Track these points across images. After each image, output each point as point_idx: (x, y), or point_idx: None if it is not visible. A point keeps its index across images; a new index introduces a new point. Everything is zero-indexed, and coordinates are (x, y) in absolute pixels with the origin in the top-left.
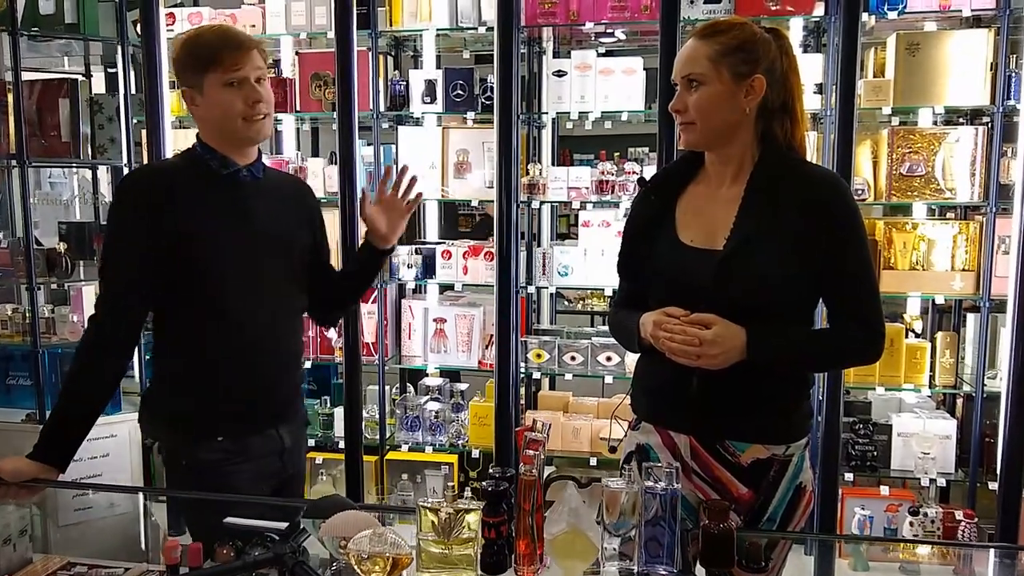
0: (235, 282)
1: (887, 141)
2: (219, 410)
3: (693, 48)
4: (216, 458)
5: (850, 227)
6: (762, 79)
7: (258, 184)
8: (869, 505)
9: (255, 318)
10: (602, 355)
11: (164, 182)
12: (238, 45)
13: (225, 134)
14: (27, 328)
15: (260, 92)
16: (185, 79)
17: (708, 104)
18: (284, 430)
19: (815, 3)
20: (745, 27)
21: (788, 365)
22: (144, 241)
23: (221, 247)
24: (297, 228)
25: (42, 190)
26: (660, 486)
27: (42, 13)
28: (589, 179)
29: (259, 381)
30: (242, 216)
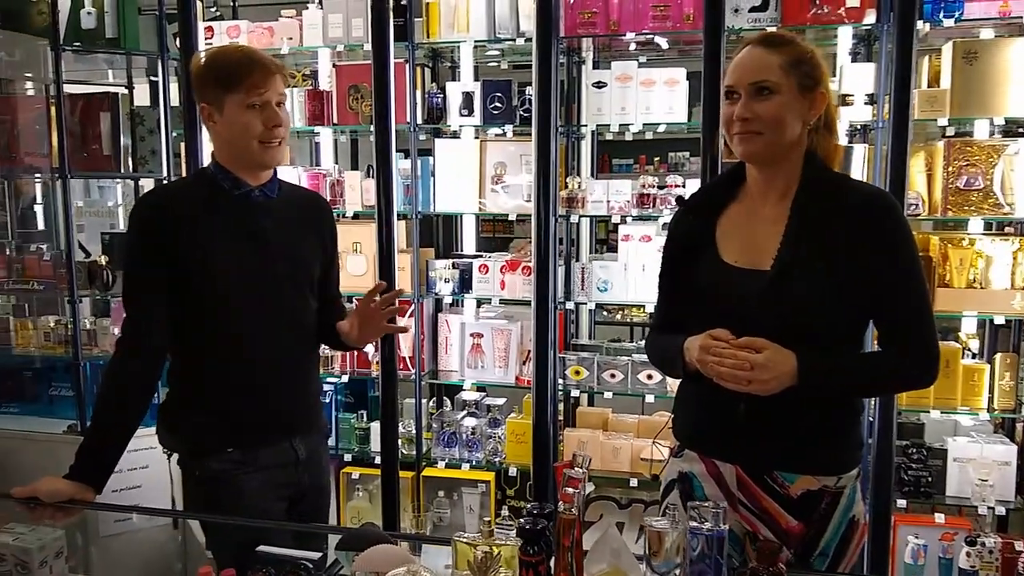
0: (244, 299)
1: (943, 154)
2: (229, 422)
3: (761, 56)
4: (226, 468)
5: (901, 246)
6: (824, 95)
7: (271, 203)
8: (923, 534)
9: (264, 334)
10: (643, 373)
11: (173, 206)
12: (264, 68)
13: (240, 155)
14: (69, 339)
15: (280, 116)
16: (205, 95)
17: (781, 114)
18: (299, 442)
19: (866, 10)
20: (804, 42)
21: (839, 391)
22: (155, 265)
23: (230, 265)
24: (310, 245)
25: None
26: (706, 526)
27: (84, 27)
28: (630, 192)
29: (268, 394)
30: (252, 235)
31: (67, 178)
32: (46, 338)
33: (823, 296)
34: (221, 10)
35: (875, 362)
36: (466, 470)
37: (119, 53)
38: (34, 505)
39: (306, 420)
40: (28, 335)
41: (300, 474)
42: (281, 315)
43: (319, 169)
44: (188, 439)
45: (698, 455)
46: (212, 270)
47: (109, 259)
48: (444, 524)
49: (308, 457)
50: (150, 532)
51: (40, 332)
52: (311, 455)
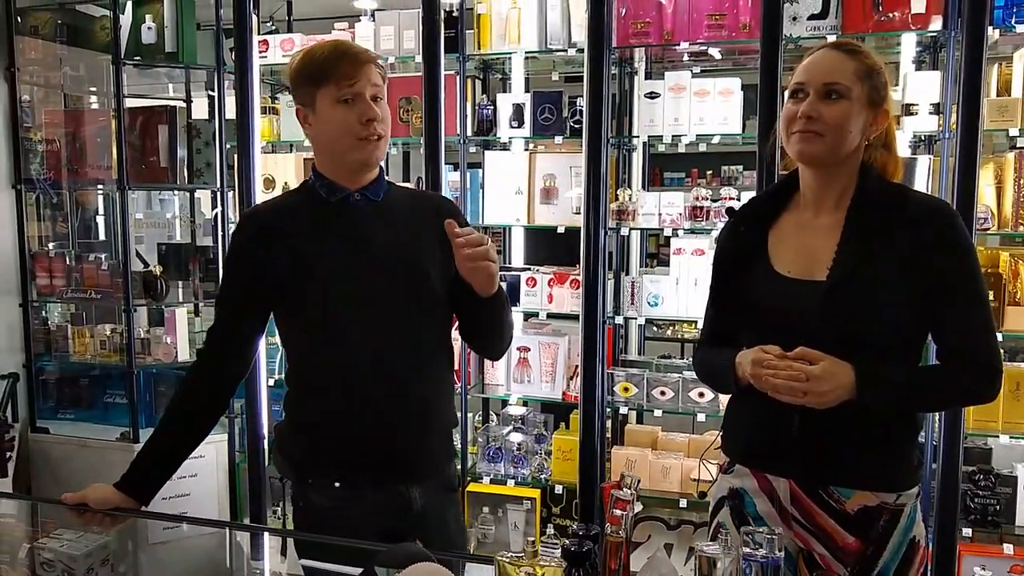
0: (351, 317)
1: (1013, 165)
2: (333, 452)
3: (837, 59)
4: (327, 504)
5: (961, 257)
6: (887, 112)
7: (376, 207)
8: (990, 565)
9: (375, 356)
10: (694, 390)
11: (275, 218)
12: (352, 58)
13: (336, 156)
14: (123, 348)
15: (375, 110)
16: (299, 96)
17: (847, 119)
18: (416, 489)
19: (931, 16)
20: (875, 56)
21: (897, 404)
22: (248, 281)
23: (327, 280)
24: (426, 249)
25: (152, 209)
26: (760, 553)
27: (144, 42)
28: (682, 204)
29: (377, 429)
30: (354, 244)
31: (126, 190)
32: (102, 346)
33: (879, 307)
34: (277, 24)
35: (934, 376)
36: (511, 486)
37: (177, 67)
38: (84, 511)
39: (425, 464)
40: (85, 343)
41: (411, 525)
42: (391, 330)
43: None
44: (295, 467)
45: (750, 471)
46: (309, 286)
47: (164, 269)
48: (488, 541)
49: (425, 509)
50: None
51: (97, 340)
52: (429, 506)
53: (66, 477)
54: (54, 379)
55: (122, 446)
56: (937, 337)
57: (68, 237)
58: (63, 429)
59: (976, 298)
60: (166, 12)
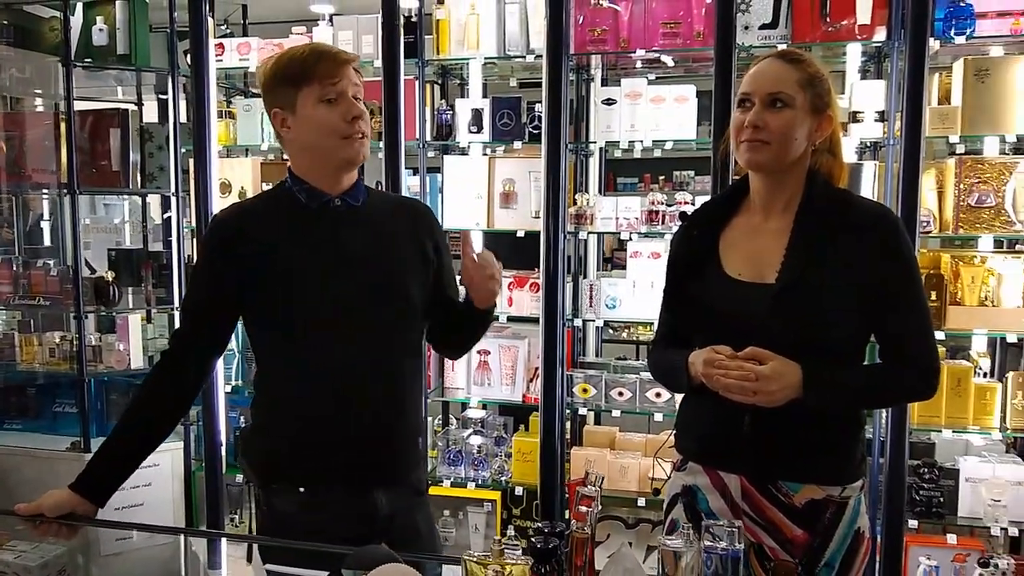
0: (321, 326)
1: (954, 171)
2: (301, 462)
3: (780, 69)
4: (293, 510)
5: (903, 263)
6: (831, 118)
7: (355, 212)
8: (935, 555)
9: (348, 361)
10: (651, 391)
11: (249, 221)
12: (333, 57)
13: (320, 157)
14: (74, 356)
15: (360, 107)
16: (276, 99)
17: (792, 128)
18: (383, 495)
19: (876, 27)
20: (818, 63)
21: (842, 403)
22: (217, 287)
23: (303, 286)
24: (405, 255)
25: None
26: (721, 545)
27: (95, 44)
28: (638, 209)
29: (346, 436)
30: (331, 251)
31: (76, 193)
32: (51, 354)
33: (826, 310)
34: (231, 28)
35: (877, 376)
36: (472, 489)
37: (130, 69)
38: (39, 522)
39: (393, 467)
40: (33, 351)
41: (380, 533)
42: (367, 337)
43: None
44: (257, 467)
45: (702, 468)
46: (283, 292)
47: (116, 275)
48: (449, 544)
49: (393, 516)
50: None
51: (45, 348)
52: (399, 515)
53: (14, 488)
54: None
55: (72, 456)
56: (879, 339)
57: (14, 243)
58: (9, 440)
59: (916, 302)
60: (118, 14)
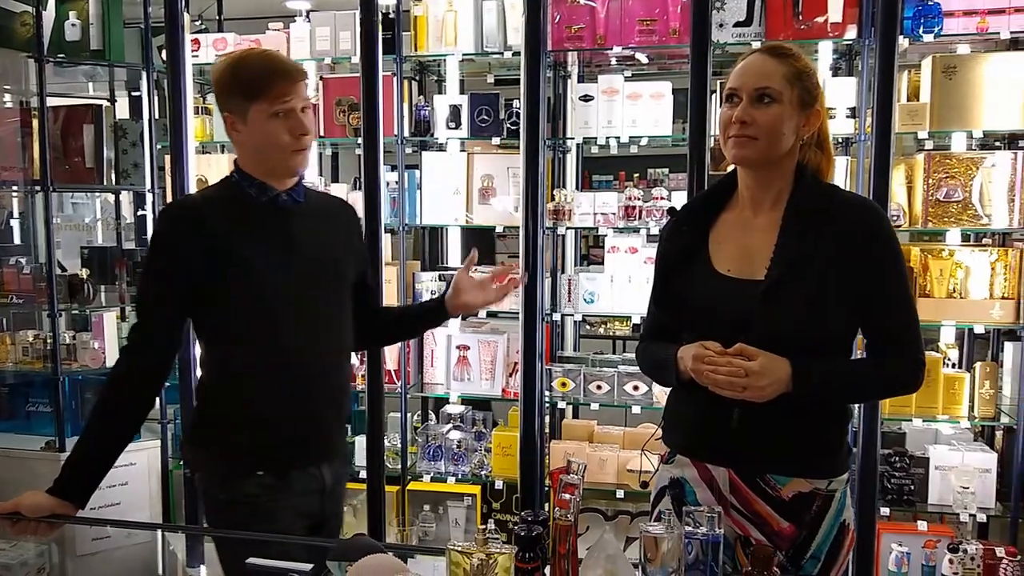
0: (279, 311)
1: (923, 166)
2: (262, 444)
3: (768, 64)
4: (254, 493)
5: (890, 254)
6: (819, 112)
7: (300, 208)
8: (906, 541)
9: (301, 348)
10: (629, 384)
11: (200, 213)
12: (288, 76)
13: (266, 163)
14: (48, 355)
15: (306, 124)
16: (228, 104)
17: (779, 123)
18: (327, 468)
19: (847, 25)
20: (806, 58)
21: (830, 397)
22: (182, 274)
23: (262, 275)
24: (344, 252)
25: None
26: (701, 531)
27: (68, 39)
28: (616, 204)
29: (304, 415)
30: (283, 242)
31: (49, 191)
32: (24, 353)
33: (816, 304)
34: (206, 23)
35: (866, 369)
36: (452, 484)
37: (103, 65)
38: (16, 520)
39: (335, 444)
40: (6, 350)
41: (324, 503)
42: (315, 323)
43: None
44: (217, 459)
45: (690, 461)
46: (239, 278)
47: (90, 273)
48: (429, 538)
49: (332, 485)
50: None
51: (18, 347)
52: (335, 484)
53: None
54: None
55: (48, 456)
56: (866, 332)
57: None
58: None
59: (902, 296)
60: (91, 9)
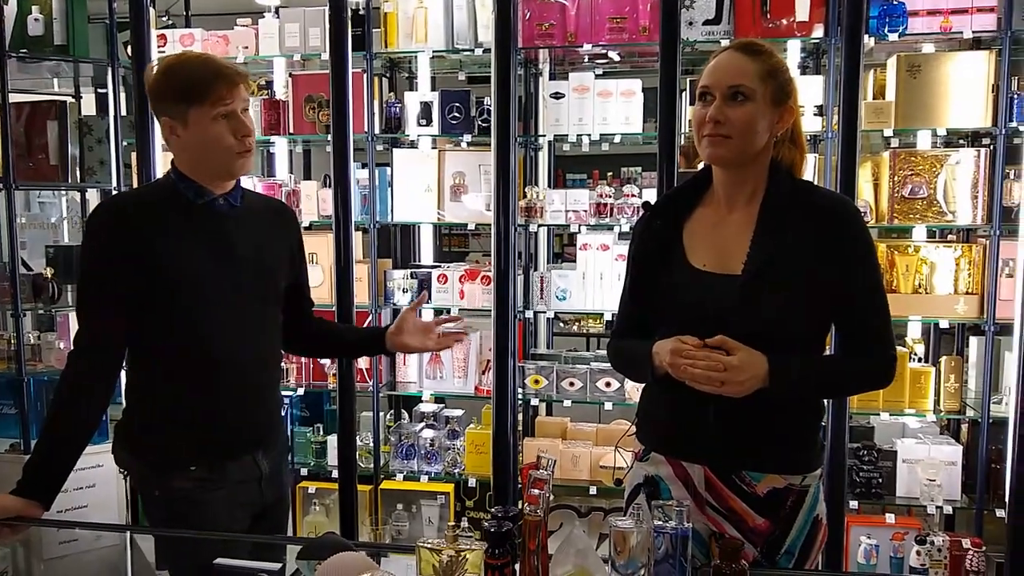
0: (209, 314)
1: (888, 163)
2: (192, 438)
3: (740, 62)
4: (189, 487)
5: (863, 250)
6: (792, 109)
7: (236, 211)
8: (875, 534)
9: (231, 347)
10: (601, 381)
11: (135, 213)
12: (227, 78)
13: (208, 166)
14: (12, 355)
15: (249, 126)
16: (166, 109)
17: (753, 121)
18: (262, 457)
19: (814, 25)
20: (779, 55)
21: (806, 393)
22: (116, 274)
23: (196, 276)
24: (278, 254)
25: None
26: (670, 525)
27: (31, 34)
28: (587, 202)
29: (234, 408)
30: (218, 245)
31: (12, 188)
32: None
33: (792, 300)
34: (173, 19)
35: (841, 365)
36: (425, 482)
37: (68, 60)
38: None
39: (270, 434)
40: None
41: (264, 490)
42: (247, 326)
43: (274, 179)
44: (150, 457)
45: (665, 458)
46: (175, 280)
47: (55, 272)
48: (403, 537)
49: (271, 472)
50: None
51: None
52: (274, 470)
53: None
54: None
55: (12, 458)
56: (839, 328)
57: None
58: None
59: (875, 293)
60: (55, 3)
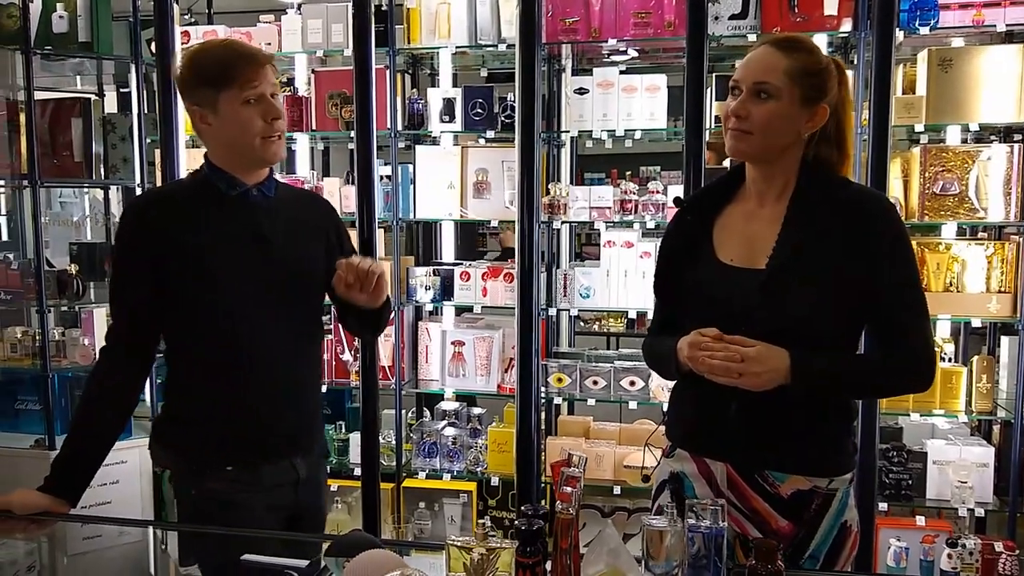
0: (245, 306)
1: (919, 159)
2: (228, 438)
3: (771, 57)
4: (224, 488)
5: (893, 245)
6: (826, 109)
7: (270, 203)
8: (905, 536)
9: (266, 343)
10: (625, 379)
11: (168, 207)
12: (254, 60)
13: (240, 153)
14: (37, 351)
15: (278, 108)
16: (195, 96)
17: (775, 119)
18: (299, 461)
19: (843, 18)
20: (820, 53)
21: (830, 391)
22: (149, 269)
23: (229, 270)
24: (314, 245)
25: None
26: (704, 524)
27: (55, 32)
28: (611, 198)
29: (270, 409)
30: (252, 237)
31: (37, 185)
32: (12, 350)
33: (818, 295)
34: (196, 16)
35: (869, 365)
36: (447, 480)
37: (92, 58)
38: (6, 518)
39: (308, 438)
40: None
41: (300, 495)
42: (281, 320)
43: (296, 176)
44: (185, 455)
45: (689, 455)
46: (209, 274)
47: (79, 269)
48: (425, 535)
49: (308, 477)
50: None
51: (7, 344)
52: (311, 475)
53: None
54: None
55: (37, 454)
56: (872, 327)
57: None
58: None
59: (909, 291)
60: (79, 1)
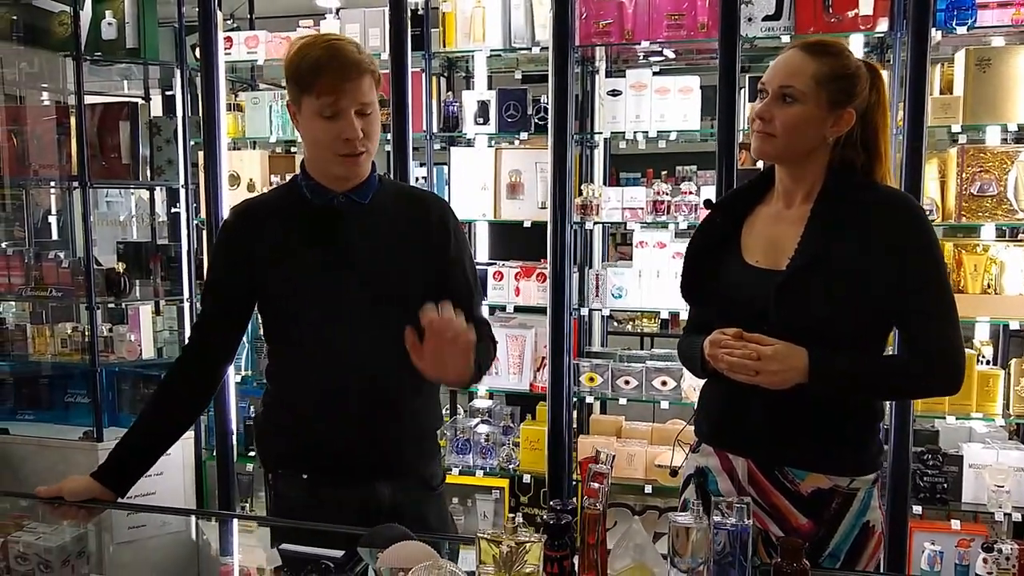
0: (321, 319)
1: (956, 160)
2: (305, 447)
3: (799, 61)
4: (297, 494)
5: (922, 248)
6: (852, 113)
7: (359, 209)
8: (939, 540)
9: (345, 359)
10: (657, 379)
11: (254, 217)
12: (343, 71)
13: (318, 163)
14: (86, 347)
15: (357, 128)
16: (289, 90)
17: (799, 123)
18: (386, 487)
19: (878, 19)
20: (851, 57)
21: (850, 392)
22: (230, 278)
23: (304, 281)
24: (407, 254)
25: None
26: (730, 522)
27: (104, 38)
28: (644, 199)
29: (348, 424)
30: (333, 251)
31: (87, 186)
32: (63, 345)
33: (838, 296)
34: (238, 22)
35: (892, 367)
36: (480, 477)
37: (139, 63)
38: (58, 504)
39: (397, 462)
40: (45, 342)
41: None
42: (367, 334)
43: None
44: (266, 454)
45: (713, 449)
46: (286, 285)
47: (126, 267)
48: (466, 535)
49: (399, 509)
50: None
51: (57, 339)
52: (407, 507)
53: (27, 477)
54: (12, 379)
55: (85, 446)
56: (901, 330)
57: (24, 236)
58: (23, 430)
59: (935, 293)
60: (127, 8)
